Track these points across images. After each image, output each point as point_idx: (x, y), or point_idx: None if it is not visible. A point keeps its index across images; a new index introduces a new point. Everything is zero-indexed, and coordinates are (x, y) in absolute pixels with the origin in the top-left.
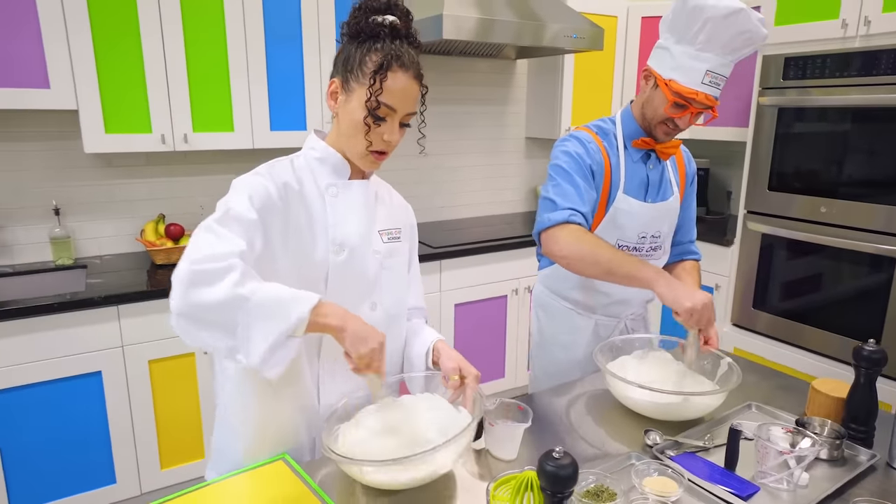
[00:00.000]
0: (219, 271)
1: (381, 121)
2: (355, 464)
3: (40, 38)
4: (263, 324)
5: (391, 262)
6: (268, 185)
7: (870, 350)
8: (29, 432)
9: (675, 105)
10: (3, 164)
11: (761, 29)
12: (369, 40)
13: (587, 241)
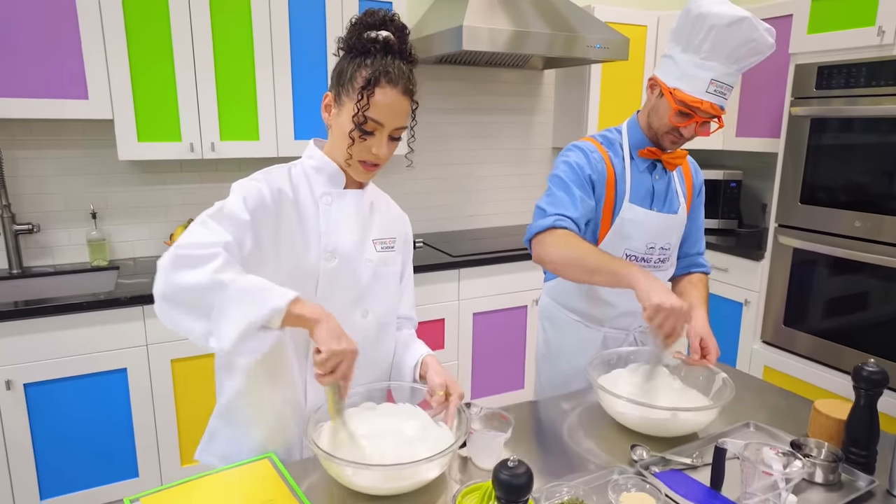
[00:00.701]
0: (202, 257)
1: (368, 135)
2: (339, 463)
3: (81, 53)
4: (238, 310)
5: (384, 270)
6: (262, 189)
7: (870, 370)
8: (59, 424)
9: (680, 114)
10: (47, 171)
11: (767, 38)
12: (360, 55)
13: (573, 244)
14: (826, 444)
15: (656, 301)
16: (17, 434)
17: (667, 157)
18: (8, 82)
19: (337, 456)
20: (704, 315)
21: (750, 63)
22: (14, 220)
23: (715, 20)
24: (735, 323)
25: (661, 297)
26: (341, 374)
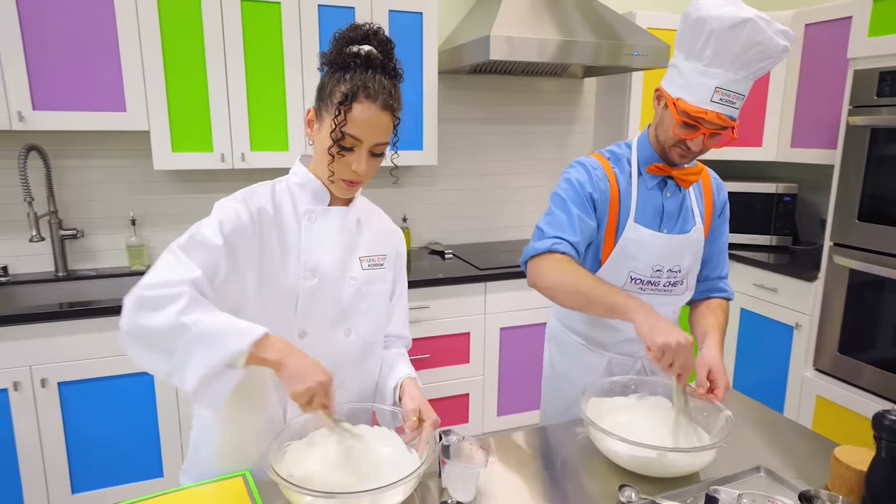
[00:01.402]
0: (165, 298)
1: (347, 150)
2: (294, 490)
3: (120, 68)
4: (201, 353)
5: (370, 288)
6: (240, 211)
7: (893, 419)
8: (90, 422)
9: (685, 125)
10: (91, 179)
11: (777, 41)
12: (341, 70)
13: (569, 270)
14: (841, 497)
15: (660, 342)
16: (50, 430)
17: (678, 173)
18: (54, 96)
19: (295, 483)
20: (717, 345)
21: (762, 68)
22: (61, 226)
23: (715, 24)
24: (785, 348)
25: (665, 337)
26: (318, 405)
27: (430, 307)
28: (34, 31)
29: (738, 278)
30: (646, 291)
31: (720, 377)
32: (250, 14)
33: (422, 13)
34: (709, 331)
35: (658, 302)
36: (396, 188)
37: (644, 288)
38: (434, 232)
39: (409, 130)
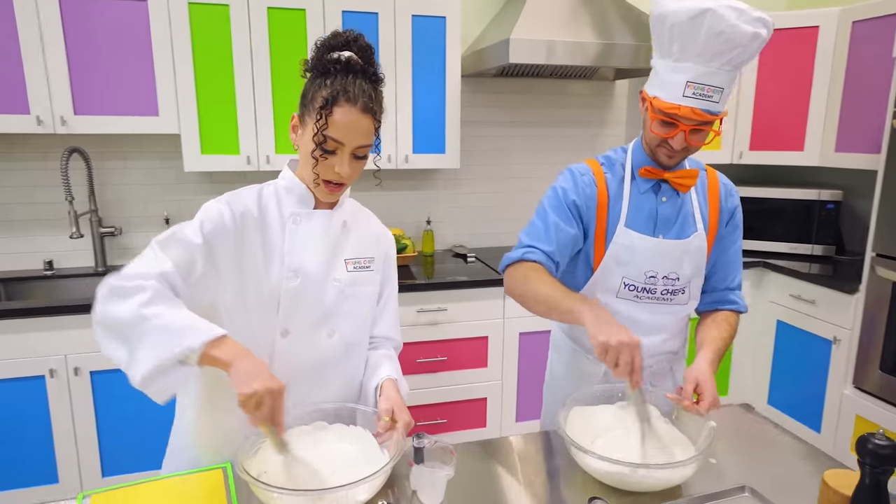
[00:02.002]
0: (132, 289)
1: (329, 154)
2: (264, 488)
3: (153, 74)
4: (153, 346)
5: (354, 290)
6: (223, 212)
7: (877, 443)
8: (120, 410)
9: (662, 123)
10: (128, 180)
11: (742, 28)
12: (322, 76)
13: (532, 279)
14: None
15: (601, 339)
16: (82, 416)
17: (672, 176)
18: (94, 101)
19: (261, 481)
20: (709, 357)
21: (735, 57)
22: (100, 224)
23: (674, 18)
24: (823, 363)
25: (606, 335)
26: (266, 413)
27: (448, 310)
28: (76, 42)
29: (774, 289)
30: (642, 300)
31: (706, 390)
32: (276, 21)
33: (445, 17)
34: (705, 343)
35: (657, 311)
36: (420, 191)
37: (640, 296)
38: (459, 235)
39: (431, 134)
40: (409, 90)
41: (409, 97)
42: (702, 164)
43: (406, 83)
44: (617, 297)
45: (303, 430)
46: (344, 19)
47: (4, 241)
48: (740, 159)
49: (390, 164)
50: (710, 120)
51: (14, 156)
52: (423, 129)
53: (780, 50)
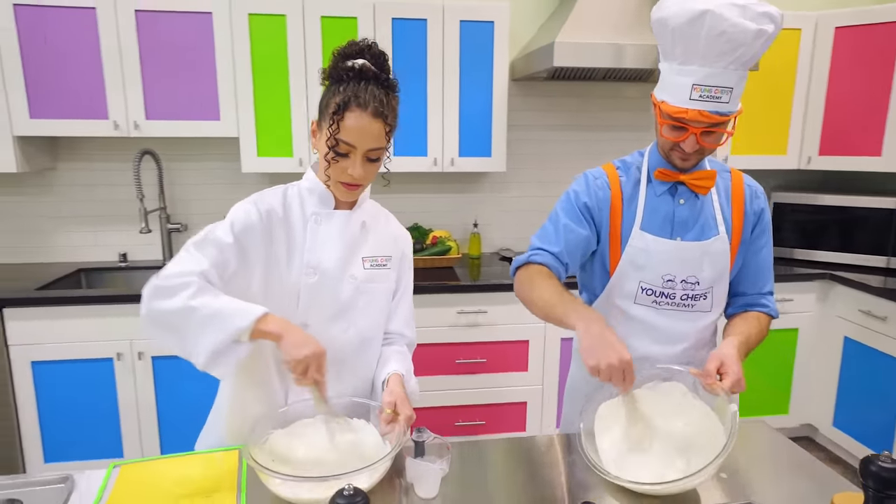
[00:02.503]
0: (177, 286)
1: (342, 156)
2: (266, 473)
3: (215, 81)
4: (208, 332)
5: (370, 287)
6: (251, 212)
7: (881, 465)
8: (179, 392)
9: (672, 128)
10: (193, 180)
11: (744, 25)
12: (336, 83)
13: (535, 283)
14: None
15: (591, 364)
16: (144, 396)
17: (689, 178)
18: (164, 107)
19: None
20: (736, 342)
21: (741, 55)
22: (168, 220)
23: (674, 21)
24: (893, 384)
25: (596, 359)
26: (312, 375)
27: (489, 312)
28: (149, 53)
29: (842, 303)
30: (661, 306)
31: (730, 369)
32: (329, 29)
33: (493, 22)
34: (732, 333)
35: (678, 318)
36: (467, 194)
37: (658, 301)
38: (506, 238)
39: (478, 137)
40: (456, 94)
41: (456, 101)
42: (726, 167)
43: (453, 87)
44: (635, 302)
45: (314, 422)
46: (394, 26)
47: (85, 235)
48: (808, 164)
49: (436, 168)
50: (720, 121)
51: (94, 156)
52: (469, 132)
53: (856, 47)
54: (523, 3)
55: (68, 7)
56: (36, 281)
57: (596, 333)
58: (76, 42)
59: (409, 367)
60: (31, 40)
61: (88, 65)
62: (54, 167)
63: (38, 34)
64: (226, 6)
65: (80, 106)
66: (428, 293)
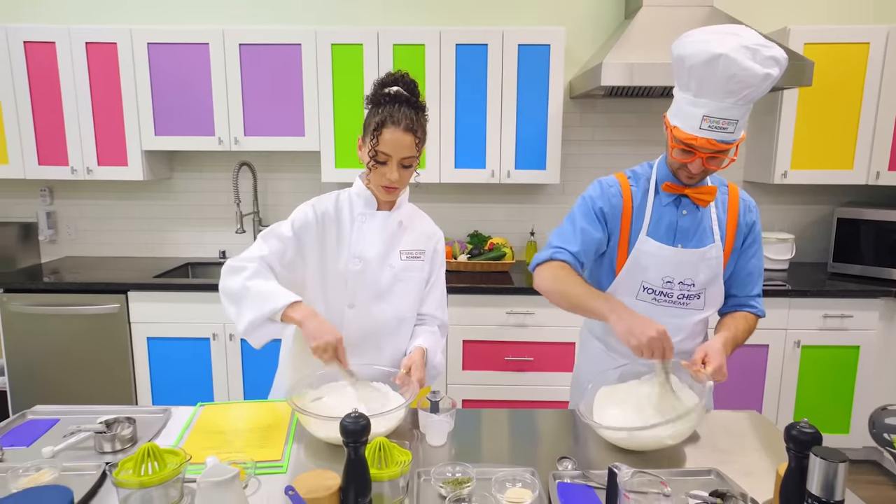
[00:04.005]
0: (240, 268)
1: (381, 164)
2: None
3: (302, 104)
4: (251, 307)
5: (406, 275)
6: (308, 213)
7: (800, 429)
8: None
9: (682, 151)
10: (282, 188)
11: (754, 70)
12: (376, 106)
13: (561, 277)
14: (752, 499)
15: (634, 343)
16: (233, 374)
17: (692, 192)
18: (259, 125)
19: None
20: (723, 338)
21: (748, 94)
22: (260, 223)
23: (692, 60)
24: None
25: (638, 338)
26: (331, 356)
27: (536, 314)
28: (249, 78)
29: None
30: (659, 303)
31: (714, 358)
32: (400, 55)
33: (549, 45)
34: (719, 331)
35: (673, 314)
36: (525, 205)
37: (657, 299)
38: None
39: (533, 152)
40: (514, 111)
41: (514, 118)
42: (724, 181)
43: (511, 105)
44: (636, 298)
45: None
46: (457, 51)
47: (192, 234)
48: (877, 180)
49: (493, 179)
50: (725, 148)
51: (202, 167)
52: (525, 147)
53: None
54: (582, 25)
55: (187, 44)
56: (153, 271)
57: (627, 317)
58: (192, 72)
59: (436, 344)
60: (159, 71)
61: (200, 90)
62: (171, 176)
63: (163, 66)
64: (312, 38)
65: (193, 124)
66: (481, 294)
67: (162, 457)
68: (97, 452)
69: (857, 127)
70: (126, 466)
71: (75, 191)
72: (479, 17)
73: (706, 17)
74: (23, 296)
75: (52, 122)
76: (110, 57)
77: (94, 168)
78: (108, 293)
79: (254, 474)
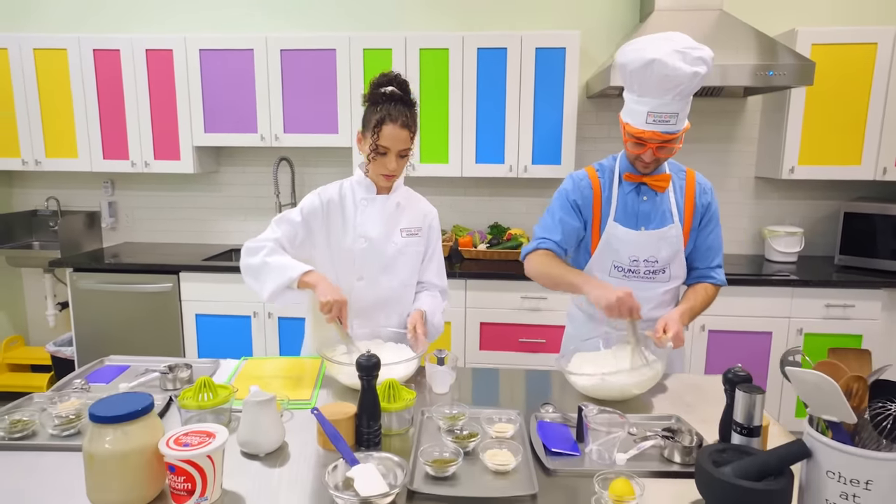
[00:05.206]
0: (257, 248)
1: (381, 156)
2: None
3: (336, 103)
4: (272, 278)
5: (406, 249)
6: (314, 200)
7: (734, 373)
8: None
9: (634, 144)
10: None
11: (683, 70)
12: (374, 104)
13: (545, 262)
14: (698, 433)
15: (604, 304)
16: (271, 346)
17: (650, 179)
18: (297, 122)
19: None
20: (681, 310)
21: (683, 90)
22: None
23: (631, 66)
24: None
25: (607, 299)
26: (336, 314)
27: (548, 299)
28: (289, 81)
29: None
30: (630, 279)
31: (671, 328)
32: (426, 58)
33: (565, 48)
34: (681, 303)
35: (642, 287)
36: (542, 199)
37: (627, 275)
38: None
39: (549, 148)
40: (531, 110)
41: (531, 116)
42: (682, 167)
43: (528, 105)
44: (609, 276)
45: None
46: (479, 55)
47: (236, 223)
48: (884, 175)
49: (511, 173)
50: (670, 138)
51: (246, 162)
52: (542, 143)
53: None
54: (598, 28)
55: (234, 49)
56: (201, 255)
57: (598, 286)
58: (238, 75)
59: (436, 307)
60: (209, 75)
61: (245, 91)
62: (217, 170)
63: (213, 70)
64: (346, 43)
65: (238, 122)
66: (498, 279)
67: (215, 388)
68: (161, 390)
69: (864, 124)
70: (187, 395)
71: (133, 183)
72: (500, 22)
73: (716, 21)
74: (89, 274)
75: (115, 121)
76: (167, 62)
77: (150, 162)
78: (162, 273)
79: (287, 408)
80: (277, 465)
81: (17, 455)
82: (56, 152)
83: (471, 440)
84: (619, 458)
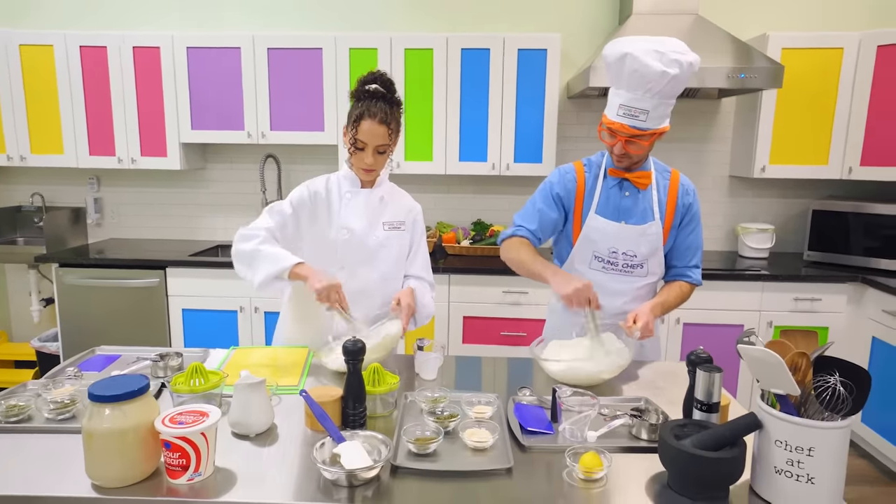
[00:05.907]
0: (251, 236)
1: (360, 150)
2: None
3: (322, 102)
4: (263, 267)
5: (388, 242)
6: (303, 192)
7: (696, 355)
8: None
9: (607, 133)
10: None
11: (653, 67)
12: (357, 101)
13: (516, 250)
14: (663, 412)
15: (564, 292)
16: (257, 340)
17: (632, 176)
18: (284, 120)
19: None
20: (653, 303)
21: (652, 88)
22: None
23: (609, 58)
24: None
25: (566, 288)
26: (334, 300)
27: (529, 293)
28: (276, 78)
29: (872, 306)
30: (609, 271)
31: (641, 319)
32: (410, 58)
33: (546, 50)
34: (656, 297)
35: (619, 280)
36: (525, 196)
37: (606, 267)
38: None
39: (530, 146)
40: (513, 110)
41: (513, 116)
42: (668, 168)
43: (510, 104)
44: (589, 267)
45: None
46: (462, 55)
47: (222, 219)
48: (850, 175)
49: (494, 171)
50: (638, 134)
51: (232, 159)
52: (523, 142)
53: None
54: (579, 31)
55: (221, 48)
56: (188, 251)
57: (561, 275)
58: (225, 73)
59: (425, 290)
60: (196, 72)
61: (232, 89)
62: (204, 167)
63: (200, 67)
64: (332, 43)
65: (225, 120)
66: (480, 274)
67: (206, 374)
68: (153, 377)
69: (831, 125)
70: (179, 380)
71: (120, 179)
72: (483, 23)
73: (692, 24)
74: (76, 270)
75: (101, 118)
76: (154, 59)
77: (137, 158)
78: (149, 268)
79: (276, 393)
80: (267, 444)
81: (14, 437)
82: (41, 148)
83: (451, 420)
84: (590, 435)
